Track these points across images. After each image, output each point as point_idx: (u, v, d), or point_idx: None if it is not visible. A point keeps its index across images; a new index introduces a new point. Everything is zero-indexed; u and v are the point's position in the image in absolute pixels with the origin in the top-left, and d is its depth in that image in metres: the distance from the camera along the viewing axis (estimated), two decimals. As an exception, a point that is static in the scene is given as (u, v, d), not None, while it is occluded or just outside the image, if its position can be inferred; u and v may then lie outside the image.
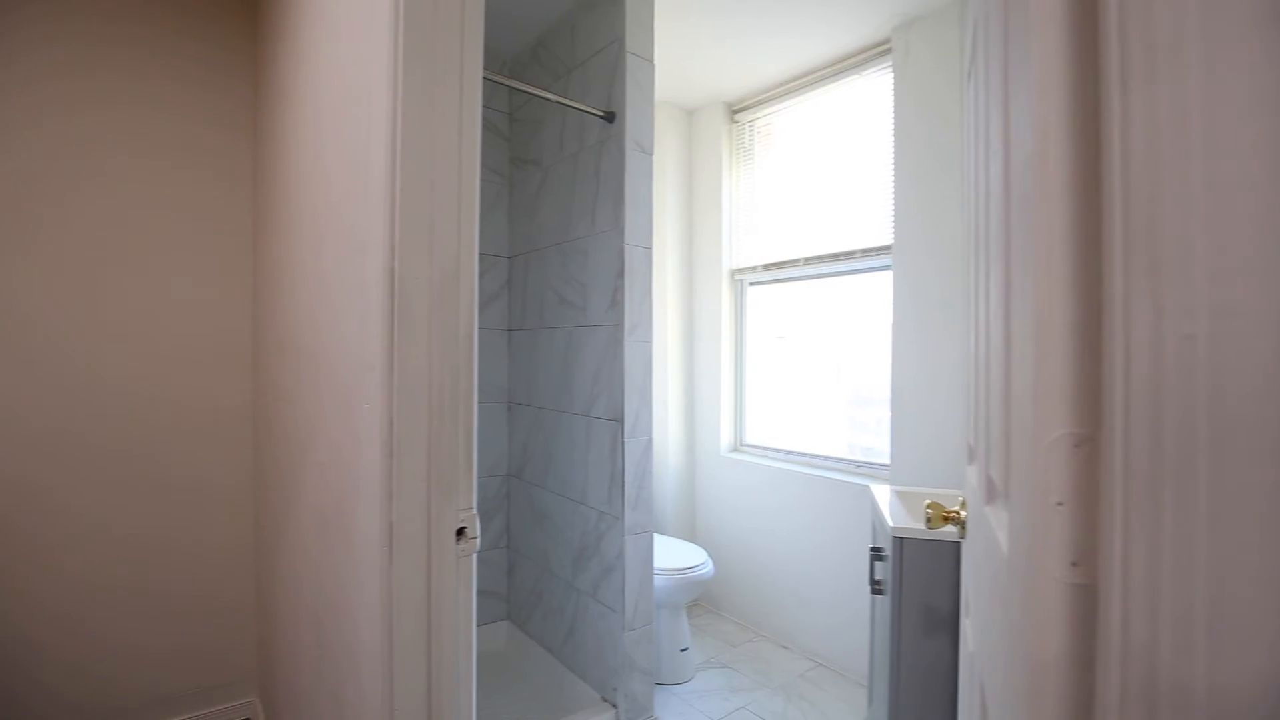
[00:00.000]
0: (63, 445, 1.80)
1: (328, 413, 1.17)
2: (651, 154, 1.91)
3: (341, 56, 1.13)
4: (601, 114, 1.87)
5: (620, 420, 1.83)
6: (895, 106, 2.16)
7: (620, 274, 1.83)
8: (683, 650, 2.24)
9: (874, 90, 2.36)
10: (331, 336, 1.14)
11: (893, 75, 2.17)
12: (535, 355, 2.28)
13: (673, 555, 2.24)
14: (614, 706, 1.87)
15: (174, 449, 1.97)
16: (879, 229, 2.32)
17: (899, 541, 1.51)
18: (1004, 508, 0.58)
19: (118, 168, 1.84)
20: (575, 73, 2.06)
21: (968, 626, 0.91)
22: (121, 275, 1.86)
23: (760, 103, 2.78)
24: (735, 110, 2.94)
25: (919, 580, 1.49)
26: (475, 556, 0.97)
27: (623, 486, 1.84)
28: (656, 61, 2.07)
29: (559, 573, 2.15)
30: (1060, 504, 0.38)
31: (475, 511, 0.95)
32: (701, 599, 2.95)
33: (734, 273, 2.93)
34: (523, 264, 2.37)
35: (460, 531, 0.94)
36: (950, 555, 1.43)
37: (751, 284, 2.89)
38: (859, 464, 2.41)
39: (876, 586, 1.66)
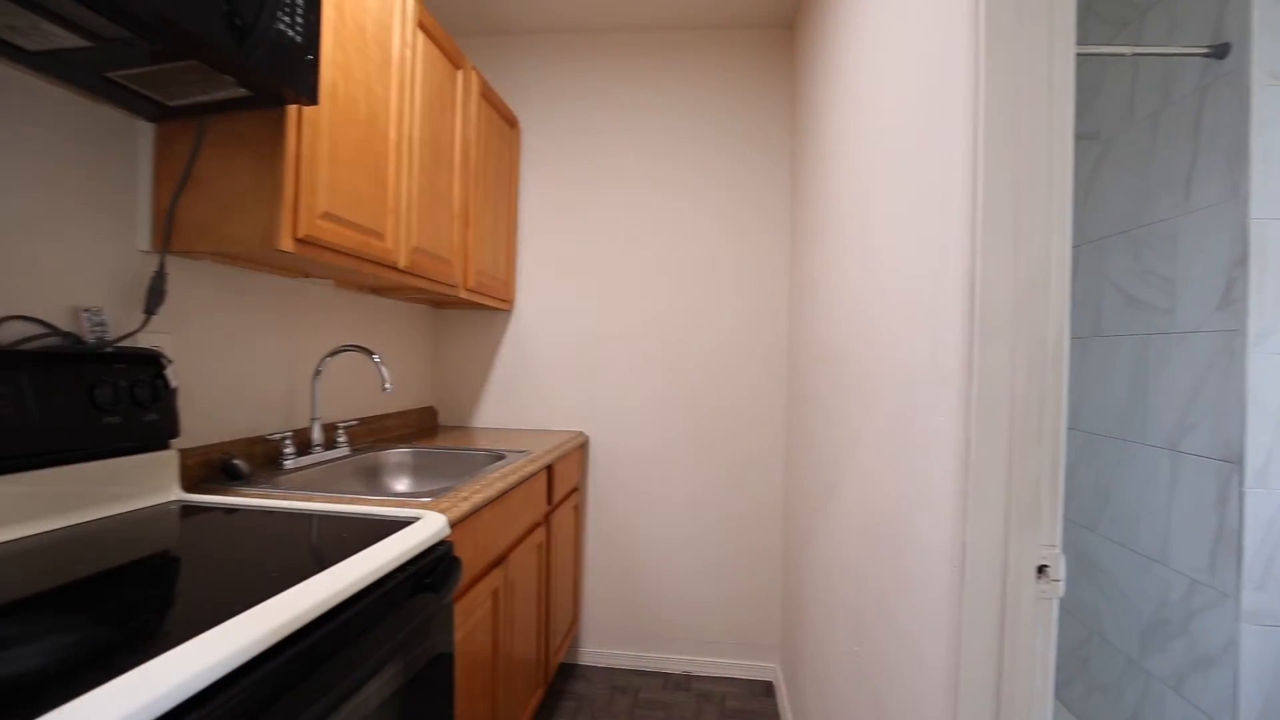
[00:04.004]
0: (658, 425, 2.40)
1: (874, 420, 1.19)
2: (1300, 86, 1.34)
3: (887, 64, 1.14)
4: (1206, 50, 1.41)
5: (1237, 461, 1.34)
6: None
7: (1241, 260, 1.34)
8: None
9: None
10: (882, 346, 1.17)
11: None
12: (1086, 369, 1.89)
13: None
14: None
15: (722, 434, 2.39)
16: None
17: None
18: None
19: (687, 196, 2.36)
20: (1154, 11, 1.62)
21: None
22: (691, 289, 2.38)
23: None
24: None
25: None
26: (1057, 603, 0.83)
27: (1239, 553, 1.33)
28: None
29: (1117, 643, 1.72)
30: None
31: (1060, 550, 0.82)
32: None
33: None
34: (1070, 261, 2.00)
35: (1041, 570, 0.81)
36: None
37: None
38: None
39: None
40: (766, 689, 2.32)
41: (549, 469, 1.93)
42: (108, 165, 1.14)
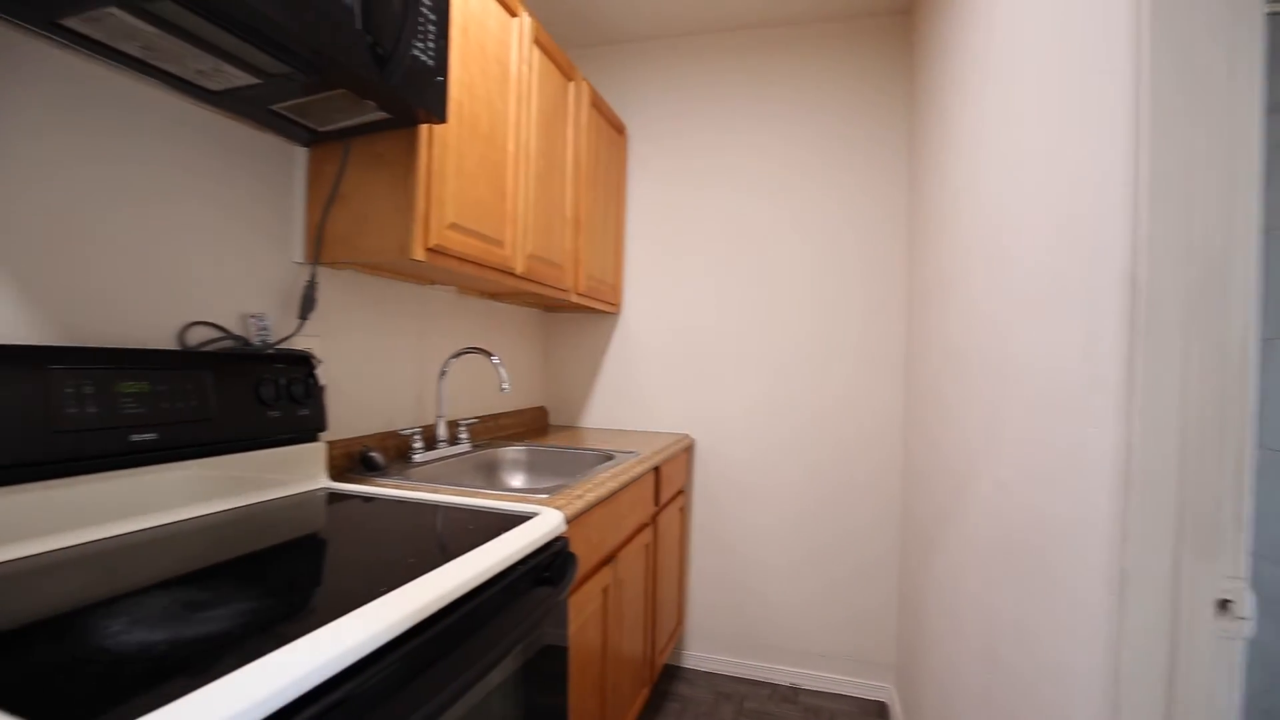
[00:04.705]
0: (766, 428, 2.35)
1: (1009, 428, 1.10)
2: None
3: (1029, 32, 1.05)
4: None
5: None
6: None
7: None
8: None
9: None
10: (1018, 349, 1.08)
11: None
12: (1273, 374, 1.64)
13: None
14: None
15: (833, 439, 2.30)
16: None
17: None
18: None
19: (809, 187, 2.29)
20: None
21: None
22: (799, 289, 2.31)
23: None
24: None
25: None
26: (1243, 645, 0.72)
27: None
28: None
29: (1309, 692, 1.47)
30: None
31: (1247, 583, 0.71)
32: None
33: None
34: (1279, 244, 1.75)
35: (1223, 605, 0.71)
36: None
37: None
38: None
39: None
40: (880, 710, 2.20)
41: (656, 470, 1.95)
42: (270, 187, 1.28)
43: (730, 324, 2.41)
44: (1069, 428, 0.88)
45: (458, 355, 1.75)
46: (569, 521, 1.17)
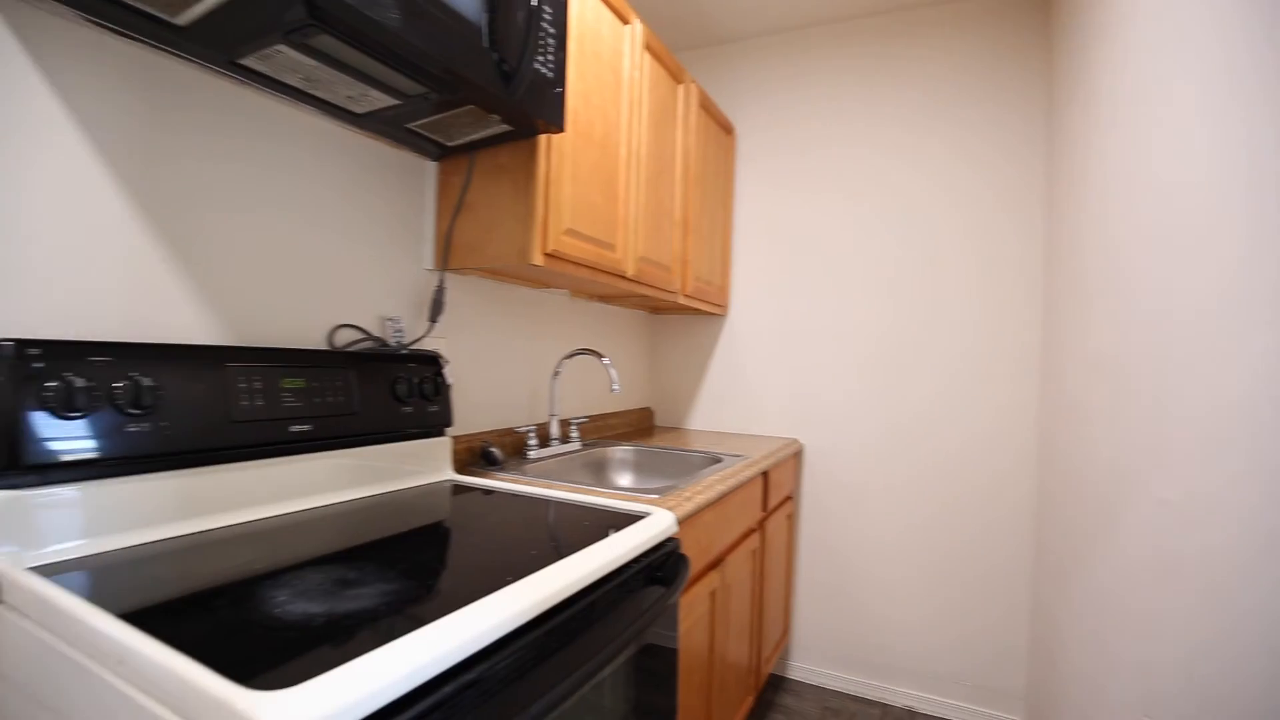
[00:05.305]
0: (881, 436, 2.25)
1: (1176, 444, 0.98)
2: None
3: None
4: None
5: None
6: None
7: None
8: None
9: None
10: (1188, 355, 0.95)
11: None
12: None
13: None
14: None
15: (957, 449, 2.15)
16: None
17: None
18: None
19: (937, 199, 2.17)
20: None
21: None
22: (919, 291, 2.18)
23: None
24: None
25: None
26: None
27: None
28: None
29: None
30: None
31: None
32: None
33: None
34: None
35: None
36: None
37: None
38: None
39: None
40: (1009, 743, 2.03)
41: (765, 475, 1.91)
42: (404, 200, 1.39)
43: (844, 326, 2.32)
44: (1258, 444, 0.77)
45: (570, 356, 1.81)
46: (679, 523, 1.17)
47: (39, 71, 0.83)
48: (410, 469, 1.28)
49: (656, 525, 1.04)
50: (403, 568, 0.80)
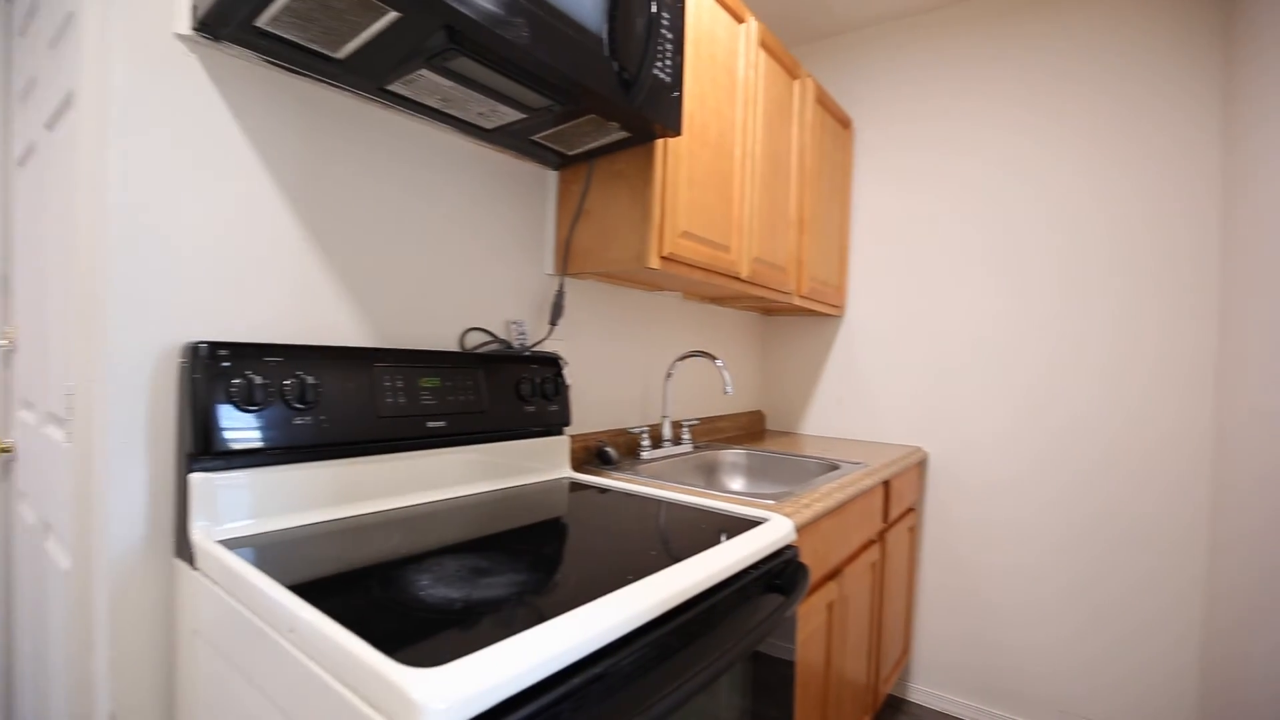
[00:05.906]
0: (1016, 446, 2.07)
1: None
2: None
3: None
4: None
5: None
6: None
7: None
8: None
9: None
10: None
11: None
12: None
13: None
14: None
15: (1105, 462, 1.94)
16: None
17: None
18: None
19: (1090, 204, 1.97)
20: None
21: None
22: (1061, 290, 1.99)
23: None
24: None
25: None
26: None
27: None
28: None
29: None
30: None
31: None
32: None
33: None
34: None
35: None
36: None
37: None
38: None
39: None
40: (1175, 799, 1.79)
41: (886, 484, 1.81)
42: (527, 208, 1.45)
43: (974, 328, 2.16)
44: None
45: (683, 358, 1.81)
46: (797, 530, 1.14)
47: (227, 106, 0.95)
48: (531, 466, 1.33)
49: (775, 531, 1.02)
50: (530, 560, 0.83)
